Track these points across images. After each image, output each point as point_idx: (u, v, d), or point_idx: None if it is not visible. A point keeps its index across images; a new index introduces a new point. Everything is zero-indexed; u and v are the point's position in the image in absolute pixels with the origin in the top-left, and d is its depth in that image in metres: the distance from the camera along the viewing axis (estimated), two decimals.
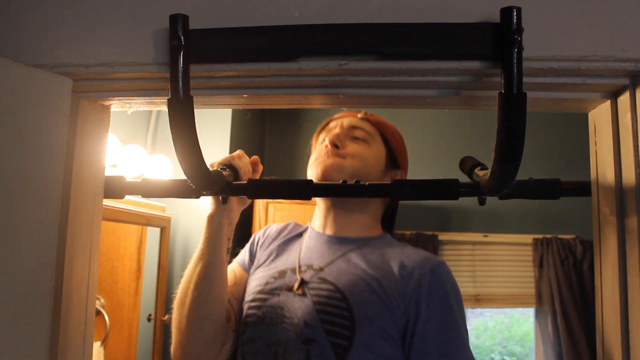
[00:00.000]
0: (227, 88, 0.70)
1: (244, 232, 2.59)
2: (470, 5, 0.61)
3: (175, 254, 2.38)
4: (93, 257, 0.75)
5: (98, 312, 1.83)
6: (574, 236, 2.98)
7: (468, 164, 0.82)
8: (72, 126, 0.70)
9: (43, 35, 0.67)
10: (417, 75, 0.64)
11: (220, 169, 0.85)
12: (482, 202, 0.85)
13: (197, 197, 0.79)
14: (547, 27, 0.60)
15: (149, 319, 2.17)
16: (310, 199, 0.79)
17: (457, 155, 0.86)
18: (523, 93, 0.56)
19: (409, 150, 1.19)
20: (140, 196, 0.82)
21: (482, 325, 3.75)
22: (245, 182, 0.83)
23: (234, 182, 0.83)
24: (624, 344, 0.61)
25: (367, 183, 0.80)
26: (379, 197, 0.80)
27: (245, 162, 0.92)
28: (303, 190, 0.79)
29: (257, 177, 0.97)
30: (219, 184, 0.79)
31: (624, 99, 0.63)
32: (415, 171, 1.19)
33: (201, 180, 0.70)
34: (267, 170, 3.20)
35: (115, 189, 0.81)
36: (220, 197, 0.91)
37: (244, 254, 1.17)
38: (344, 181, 0.81)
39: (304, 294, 0.96)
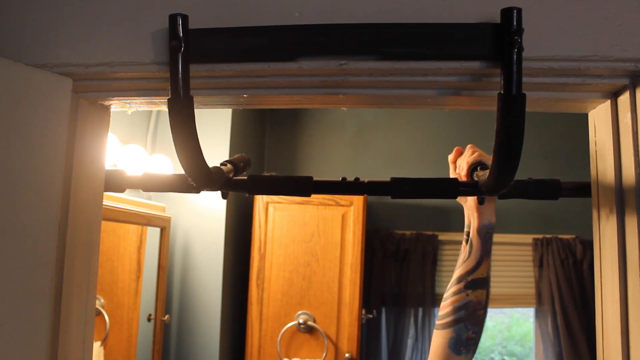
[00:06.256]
0: (227, 88, 0.70)
1: (243, 232, 2.59)
2: (470, 5, 0.61)
3: (175, 254, 2.37)
4: (93, 257, 0.75)
5: (98, 312, 1.83)
6: (574, 236, 2.97)
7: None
8: (72, 126, 0.70)
9: (43, 35, 0.67)
10: (417, 75, 0.64)
11: (221, 164, 0.85)
12: (480, 201, 0.85)
13: (198, 192, 0.79)
14: (547, 27, 0.60)
15: (149, 319, 2.17)
16: (310, 195, 0.79)
17: None
18: (522, 94, 0.56)
19: (410, 149, 1.19)
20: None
21: None
22: (246, 177, 0.82)
23: (234, 178, 0.83)
24: (624, 344, 0.61)
25: (366, 180, 0.80)
26: (378, 195, 0.80)
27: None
28: (303, 187, 0.79)
29: None
30: (220, 181, 0.78)
31: (624, 99, 0.63)
32: (415, 171, 1.19)
33: (202, 178, 0.70)
34: (267, 170, 3.20)
35: (116, 182, 0.81)
36: (221, 193, 0.90)
37: None
38: (344, 178, 0.81)
39: None
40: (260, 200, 2.51)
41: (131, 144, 2.11)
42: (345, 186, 0.80)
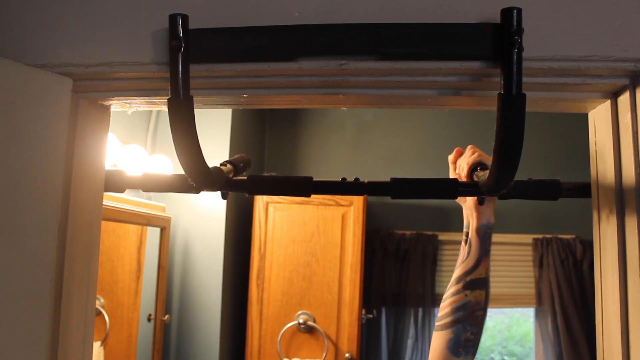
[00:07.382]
0: (227, 88, 0.70)
1: (243, 232, 2.59)
2: (470, 5, 0.61)
3: (175, 254, 2.37)
4: (93, 257, 0.75)
5: (98, 312, 1.83)
6: (574, 236, 2.97)
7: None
8: (72, 126, 0.70)
9: (43, 35, 0.67)
10: (417, 75, 0.64)
11: (221, 164, 0.85)
12: (480, 201, 0.85)
13: (198, 192, 0.79)
14: (547, 27, 0.60)
15: (149, 319, 2.17)
16: (309, 195, 0.79)
17: None
18: (522, 94, 0.56)
19: (410, 149, 1.19)
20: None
21: None
22: (245, 177, 0.83)
23: (234, 178, 0.83)
24: (624, 344, 0.61)
25: (366, 181, 0.80)
26: (378, 195, 0.80)
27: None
28: (303, 187, 0.79)
29: None
30: (220, 181, 0.79)
31: (624, 99, 0.63)
32: (415, 171, 1.19)
33: (202, 179, 0.70)
34: (267, 170, 3.20)
35: (116, 182, 0.81)
36: (221, 193, 0.90)
37: None
38: (344, 178, 0.81)
39: None
40: (260, 200, 2.51)
41: (131, 144, 2.10)
42: (345, 186, 0.80)
